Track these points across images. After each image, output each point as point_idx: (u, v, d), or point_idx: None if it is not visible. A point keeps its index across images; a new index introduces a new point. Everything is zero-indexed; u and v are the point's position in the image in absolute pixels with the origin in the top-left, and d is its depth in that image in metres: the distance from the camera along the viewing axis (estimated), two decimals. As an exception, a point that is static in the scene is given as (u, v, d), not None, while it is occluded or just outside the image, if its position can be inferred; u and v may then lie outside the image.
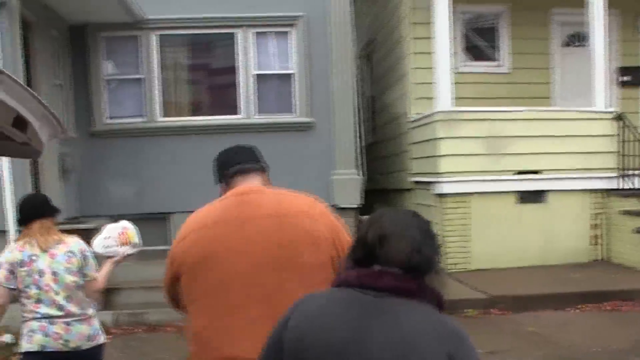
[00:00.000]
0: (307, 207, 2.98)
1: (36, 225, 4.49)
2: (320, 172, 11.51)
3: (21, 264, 4.37)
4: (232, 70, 11.88)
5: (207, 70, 12.48)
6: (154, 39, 11.72)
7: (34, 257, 4.40)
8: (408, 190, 12.52)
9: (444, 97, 10.60)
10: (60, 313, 4.43)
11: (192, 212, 3.07)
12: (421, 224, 2.36)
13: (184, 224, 3.05)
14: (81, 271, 4.55)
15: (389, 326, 2.18)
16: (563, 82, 12.39)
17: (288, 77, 11.86)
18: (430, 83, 11.20)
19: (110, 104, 11.84)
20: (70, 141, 11.06)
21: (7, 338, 7.87)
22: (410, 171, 12.29)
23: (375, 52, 15.16)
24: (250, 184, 3.10)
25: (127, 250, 4.79)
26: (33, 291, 4.40)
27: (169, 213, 11.25)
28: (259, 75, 11.78)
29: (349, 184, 11.59)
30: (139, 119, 11.70)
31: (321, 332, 2.23)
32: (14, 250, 4.44)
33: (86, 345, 4.55)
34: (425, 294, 2.25)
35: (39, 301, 4.41)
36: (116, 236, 4.78)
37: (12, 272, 4.38)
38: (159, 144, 11.45)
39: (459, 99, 10.83)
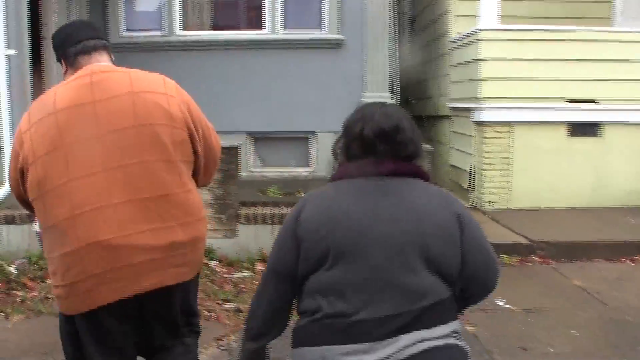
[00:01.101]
0: (160, 83, 2.92)
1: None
2: (350, 93, 10.57)
3: None
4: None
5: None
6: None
7: None
8: (445, 117, 11.55)
9: (488, 13, 9.53)
10: None
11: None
12: (406, 114, 2.67)
13: (26, 113, 2.89)
14: None
15: (399, 200, 2.48)
16: (625, 1, 11.12)
17: (316, -10, 10.83)
18: (475, -1, 10.14)
19: (126, 15, 10.92)
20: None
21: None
22: (448, 96, 11.30)
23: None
24: (97, 62, 2.96)
25: None
26: None
27: (187, 134, 10.40)
28: (291, -14, 10.77)
29: (381, 108, 10.61)
30: (157, 33, 10.78)
31: (338, 218, 2.46)
32: None
33: None
34: (418, 173, 2.59)
35: None
36: None
37: None
38: (178, 59, 10.55)
39: (506, 17, 9.76)
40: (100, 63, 3.01)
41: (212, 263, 7.50)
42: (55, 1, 9.49)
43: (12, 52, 7.95)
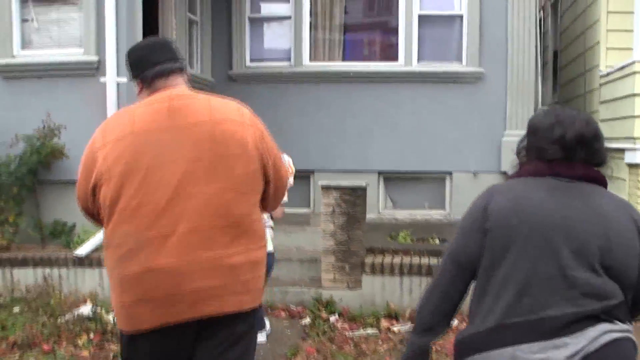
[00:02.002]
0: (237, 112, 2.93)
1: None
2: (489, 131, 9.77)
3: None
4: (392, 9, 10.24)
5: (363, 9, 10.88)
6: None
7: None
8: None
9: (648, 44, 8.49)
10: None
11: (339, 171, 2.75)
12: (594, 121, 2.74)
13: (100, 129, 2.93)
14: None
15: (588, 203, 2.57)
16: None
17: (456, 19, 10.08)
18: (629, 30, 9.09)
19: (252, 45, 10.51)
20: (206, 85, 9.87)
21: (86, 310, 6.72)
22: (598, 136, 10.23)
23: (560, 0, 13.09)
24: (175, 87, 2.98)
25: (291, 180, 5.61)
26: None
27: (313, 171, 9.85)
28: (422, 17, 10.03)
29: (523, 147, 9.72)
30: (284, 63, 10.29)
31: (529, 211, 2.55)
32: None
33: None
34: (603, 181, 2.69)
35: None
36: (287, 166, 5.55)
37: None
38: (305, 91, 10.01)
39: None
40: (178, 87, 3.02)
41: (332, 318, 6.83)
42: (174, 28, 9.12)
43: (123, 79, 7.68)
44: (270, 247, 5.59)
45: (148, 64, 3.03)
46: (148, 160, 2.79)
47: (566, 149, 2.62)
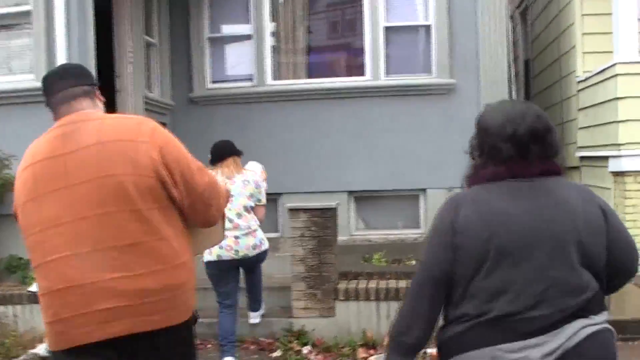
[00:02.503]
0: (130, 130, 2.90)
1: (230, 160, 6.17)
2: (465, 144, 9.29)
3: None
4: (357, 22, 9.90)
5: (327, 23, 10.48)
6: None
7: (221, 180, 5.49)
8: (572, 168, 10.08)
9: (627, 45, 8.11)
10: (229, 225, 5.66)
11: (308, 193, 2.93)
12: (544, 113, 2.72)
13: (23, 157, 3.03)
14: (253, 196, 6.14)
15: (552, 199, 2.56)
16: None
17: (424, 30, 9.71)
18: (605, 33, 8.74)
19: (213, 66, 10.11)
20: (166, 110, 9.42)
21: (42, 350, 6.24)
22: (577, 144, 9.85)
23: (530, 7, 12.78)
24: (78, 111, 2.99)
25: (265, 185, 6.40)
26: None
27: (281, 193, 9.37)
28: (388, 28, 9.67)
29: (500, 160, 9.32)
30: (247, 83, 9.87)
31: (499, 220, 2.51)
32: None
33: (252, 252, 6.09)
34: (561, 171, 2.69)
35: None
36: (260, 172, 6.45)
37: None
38: (271, 111, 9.56)
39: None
40: (80, 111, 2.99)
41: (305, 349, 6.36)
42: (131, 50, 8.67)
43: None
44: (266, 244, 6.26)
45: (51, 92, 3.04)
46: (44, 189, 2.86)
47: (520, 146, 2.59)
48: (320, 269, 6.70)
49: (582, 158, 9.68)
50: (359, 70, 9.79)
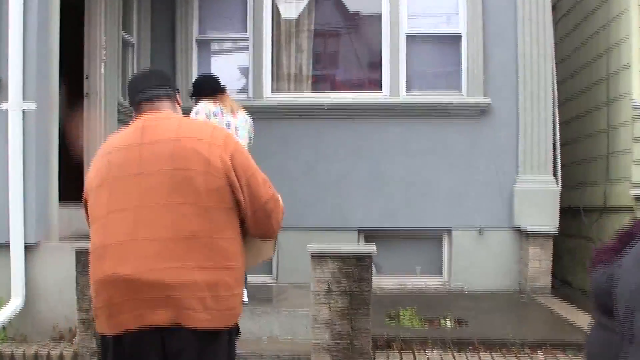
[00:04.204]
0: (206, 132, 3.04)
1: (227, 95, 6.24)
2: (498, 174, 7.93)
3: (215, 114, 5.95)
4: (373, 28, 8.39)
5: (338, 28, 8.91)
6: (266, -19, 8.43)
7: (224, 112, 6.06)
8: (623, 209, 8.50)
9: None
10: None
11: (309, 229, 3.73)
12: None
13: (101, 148, 3.17)
14: (250, 138, 6.34)
15: None
16: None
17: (453, 40, 8.23)
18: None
19: (200, 72, 8.50)
20: (141, 121, 7.89)
21: None
22: (630, 180, 8.29)
23: (561, 19, 11.26)
24: (160, 110, 3.16)
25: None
26: None
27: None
28: (411, 37, 8.18)
29: (542, 196, 7.83)
30: (241, 95, 8.27)
31: None
32: (210, 104, 5.98)
33: None
34: None
35: None
36: None
37: (208, 117, 5.88)
38: (268, 128, 7.92)
39: None
40: (162, 111, 3.15)
41: None
42: (104, 47, 7.15)
43: (31, 105, 5.95)
44: None
45: (136, 91, 3.20)
46: (115, 174, 2.96)
47: None
48: (352, 336, 5.09)
49: (638, 198, 8.12)
50: (374, 84, 8.30)
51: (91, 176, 3.06)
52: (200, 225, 2.87)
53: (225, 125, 5.86)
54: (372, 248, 5.45)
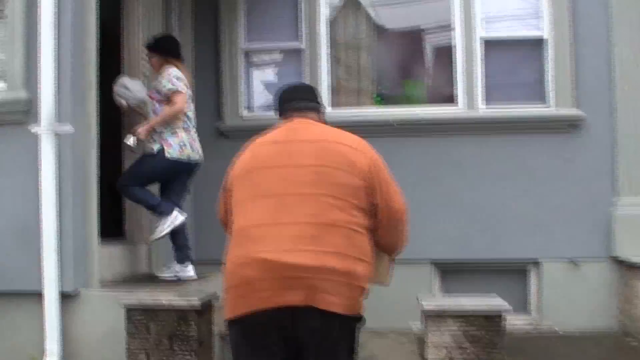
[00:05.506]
0: (350, 139, 3.23)
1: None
2: (592, 199, 6.97)
3: None
4: (445, 33, 7.45)
5: (403, 33, 7.94)
6: (320, -13, 7.52)
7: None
8: None
9: None
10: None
11: None
12: None
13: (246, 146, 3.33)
14: None
15: None
16: None
17: (537, 45, 7.26)
18: None
19: (250, 88, 7.71)
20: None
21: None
22: None
23: None
24: (305, 118, 3.39)
25: None
26: None
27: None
28: (489, 42, 7.23)
29: (647, 223, 6.83)
30: (294, 112, 7.36)
31: None
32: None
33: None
34: None
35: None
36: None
37: None
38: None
39: None
40: (309, 118, 3.37)
41: None
42: (145, 59, 6.30)
43: (66, 128, 5.06)
44: None
45: (289, 100, 3.46)
46: (260, 164, 3.14)
47: None
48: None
49: None
50: (446, 96, 7.33)
51: (237, 166, 3.25)
52: (340, 216, 2.99)
53: None
54: (503, 305, 4.46)
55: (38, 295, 4.93)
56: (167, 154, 5.74)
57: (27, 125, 5.08)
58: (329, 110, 7.23)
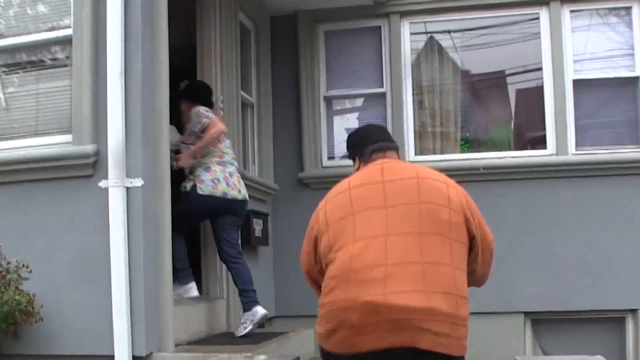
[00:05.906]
0: (438, 175, 3.20)
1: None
2: None
3: None
4: (532, 76, 7.28)
5: (489, 78, 7.81)
6: (404, 31, 7.38)
7: None
8: None
9: None
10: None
11: None
12: None
13: (334, 188, 3.27)
14: None
15: None
16: None
17: (629, 83, 7.01)
18: None
19: (330, 136, 7.62)
20: (266, 193, 6.87)
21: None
22: None
23: None
24: (388, 158, 3.38)
25: None
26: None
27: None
28: (578, 83, 6.99)
29: None
30: (377, 159, 7.19)
31: None
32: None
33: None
34: None
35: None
36: None
37: None
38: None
39: None
40: (391, 158, 3.38)
41: None
42: (221, 108, 6.21)
43: (136, 182, 4.73)
44: None
45: (368, 142, 3.42)
46: (360, 207, 3.08)
47: None
48: None
49: None
50: (535, 141, 7.10)
51: (329, 211, 3.18)
52: (444, 254, 2.99)
53: None
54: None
55: (110, 358, 4.75)
56: (198, 190, 5.49)
57: (95, 179, 4.82)
58: (413, 156, 7.14)
